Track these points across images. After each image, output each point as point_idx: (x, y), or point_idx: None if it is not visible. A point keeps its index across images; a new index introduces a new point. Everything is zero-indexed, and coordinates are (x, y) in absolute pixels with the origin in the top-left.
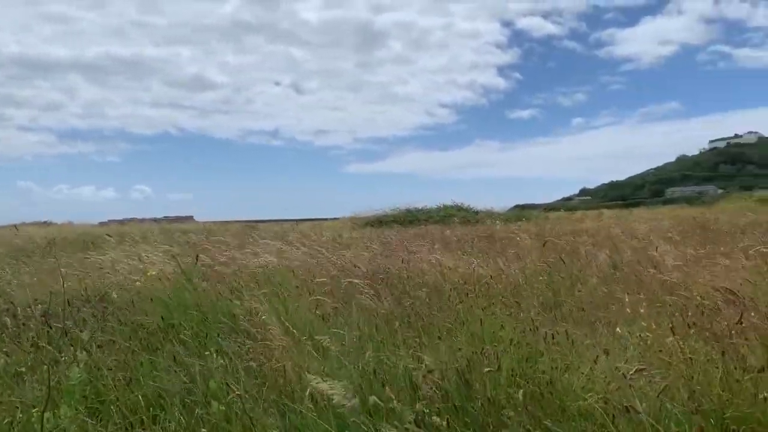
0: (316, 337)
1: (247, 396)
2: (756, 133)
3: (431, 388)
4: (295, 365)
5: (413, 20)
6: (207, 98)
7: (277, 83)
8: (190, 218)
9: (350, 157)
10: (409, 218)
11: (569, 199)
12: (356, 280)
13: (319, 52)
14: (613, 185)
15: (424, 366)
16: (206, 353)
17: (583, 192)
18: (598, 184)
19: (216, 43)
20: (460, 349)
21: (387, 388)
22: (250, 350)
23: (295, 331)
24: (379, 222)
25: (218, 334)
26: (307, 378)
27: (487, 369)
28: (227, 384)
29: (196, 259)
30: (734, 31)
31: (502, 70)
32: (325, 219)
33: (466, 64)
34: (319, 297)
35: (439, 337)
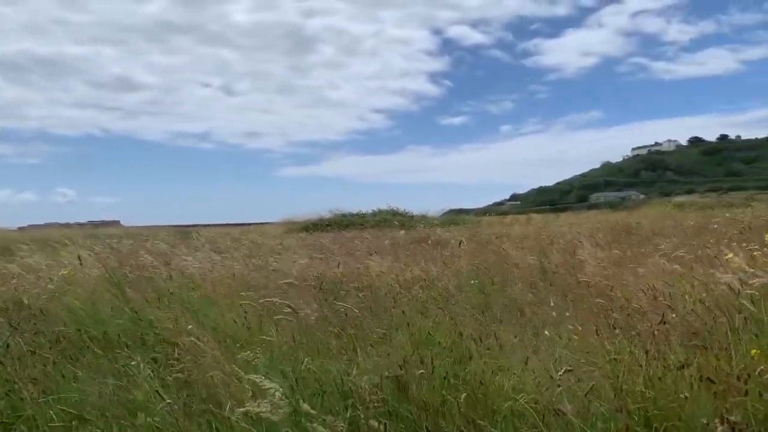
0: (247, 346)
1: (175, 407)
2: (674, 141)
3: (366, 394)
4: (225, 375)
5: (344, 26)
6: (133, 99)
7: (207, 85)
8: (116, 223)
9: (284, 160)
10: (345, 223)
11: (500, 203)
12: (289, 284)
13: (250, 55)
14: (541, 190)
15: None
16: (132, 363)
17: (514, 197)
18: (528, 189)
19: (142, 43)
20: (400, 350)
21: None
22: (178, 359)
23: (225, 339)
24: (314, 226)
25: (143, 343)
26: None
27: (420, 372)
28: (157, 393)
29: (122, 264)
30: (650, 45)
31: (432, 77)
32: (259, 223)
33: (398, 70)
34: (250, 303)
35: (372, 345)
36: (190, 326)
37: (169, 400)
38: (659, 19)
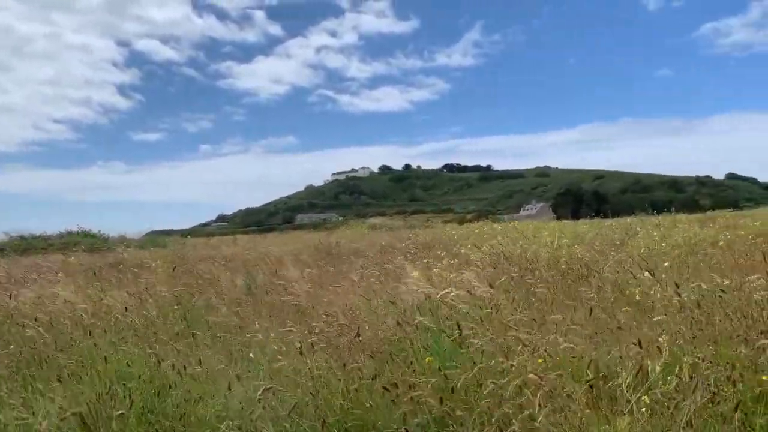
0: None
1: None
2: (368, 168)
3: None
4: None
5: (10, 23)
6: None
7: None
8: None
9: None
10: (23, 246)
11: (207, 224)
12: None
13: None
14: (249, 212)
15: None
16: None
17: (221, 218)
18: (235, 210)
19: None
20: (83, 392)
21: None
22: None
23: None
24: None
25: None
26: None
27: (118, 412)
28: None
29: None
30: (335, 79)
31: (122, 90)
32: None
33: (80, 79)
34: None
35: (58, 384)
36: None
37: None
38: (340, 55)
